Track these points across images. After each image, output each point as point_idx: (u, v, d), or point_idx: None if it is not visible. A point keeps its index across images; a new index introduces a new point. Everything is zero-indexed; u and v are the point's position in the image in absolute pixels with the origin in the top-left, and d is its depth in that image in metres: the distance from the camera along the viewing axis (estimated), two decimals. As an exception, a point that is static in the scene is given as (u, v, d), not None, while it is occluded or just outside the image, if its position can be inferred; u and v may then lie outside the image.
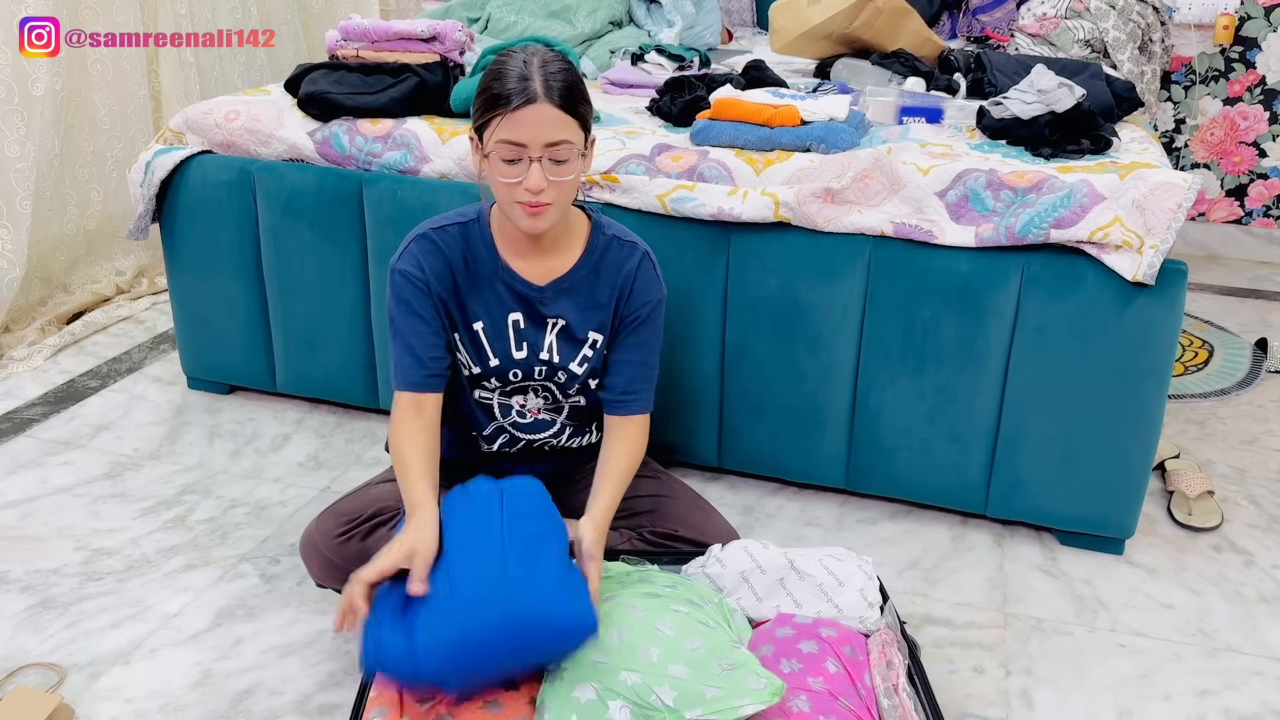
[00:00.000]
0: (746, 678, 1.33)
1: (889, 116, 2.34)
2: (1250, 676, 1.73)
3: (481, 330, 1.67)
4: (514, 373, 1.71)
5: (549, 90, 1.48)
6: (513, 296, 1.66)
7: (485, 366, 1.69)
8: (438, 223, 1.66)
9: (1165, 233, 1.79)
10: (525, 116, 1.47)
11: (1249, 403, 2.69)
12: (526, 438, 1.79)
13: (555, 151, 1.50)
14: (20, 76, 2.79)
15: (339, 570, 1.68)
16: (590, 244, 1.68)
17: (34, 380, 2.72)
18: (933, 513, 2.17)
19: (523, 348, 1.69)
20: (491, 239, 1.65)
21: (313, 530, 1.73)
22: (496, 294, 1.66)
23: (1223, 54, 3.67)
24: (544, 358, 1.69)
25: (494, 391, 1.73)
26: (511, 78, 1.49)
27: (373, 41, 2.40)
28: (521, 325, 1.68)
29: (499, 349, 1.68)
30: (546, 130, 1.48)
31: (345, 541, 1.69)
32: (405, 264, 1.64)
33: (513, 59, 1.51)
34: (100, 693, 1.65)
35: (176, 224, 2.45)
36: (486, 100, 1.51)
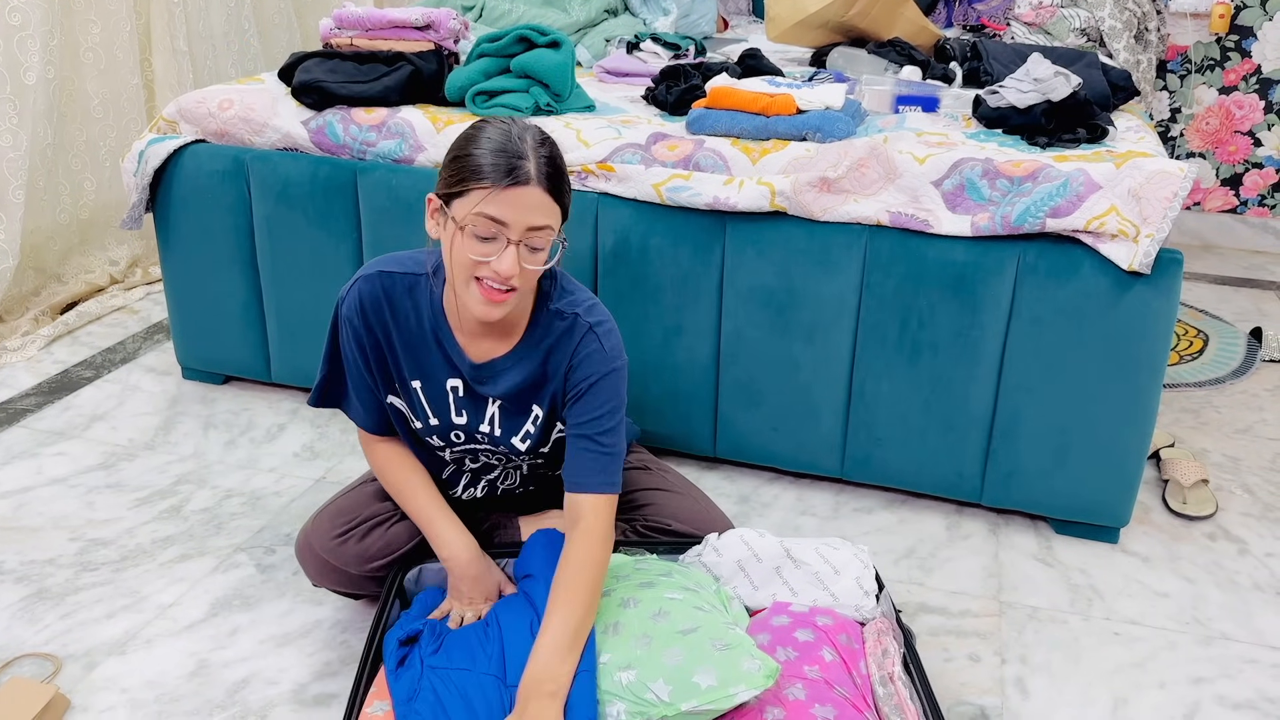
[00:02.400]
0: (741, 658, 1.33)
1: (885, 105, 2.34)
2: (1244, 664, 1.74)
3: (419, 389, 1.59)
4: (455, 434, 1.63)
5: (541, 173, 1.38)
6: (450, 366, 1.57)
7: (426, 424, 1.63)
8: (390, 266, 1.56)
9: (1161, 222, 1.79)
10: (513, 196, 1.37)
11: (1243, 392, 2.70)
12: (486, 478, 1.75)
13: (535, 238, 1.40)
14: (12, 65, 2.78)
15: (336, 571, 1.68)
16: (533, 321, 1.55)
17: (28, 370, 2.71)
18: (928, 502, 2.17)
19: (462, 414, 1.61)
20: (440, 303, 1.55)
21: (308, 532, 1.70)
22: (435, 358, 1.57)
23: (1218, 43, 3.67)
24: (484, 430, 1.61)
25: (443, 450, 1.67)
26: (505, 152, 1.37)
27: (367, 29, 2.39)
28: (460, 393, 1.59)
29: (437, 411, 1.61)
30: (532, 214, 1.38)
31: (343, 543, 1.67)
32: (348, 310, 1.56)
33: (502, 129, 1.41)
34: (96, 683, 1.65)
35: (170, 213, 2.44)
36: (470, 168, 1.38)
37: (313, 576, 1.73)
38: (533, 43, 2.29)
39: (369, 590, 1.73)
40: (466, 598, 1.57)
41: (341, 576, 1.69)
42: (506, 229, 1.38)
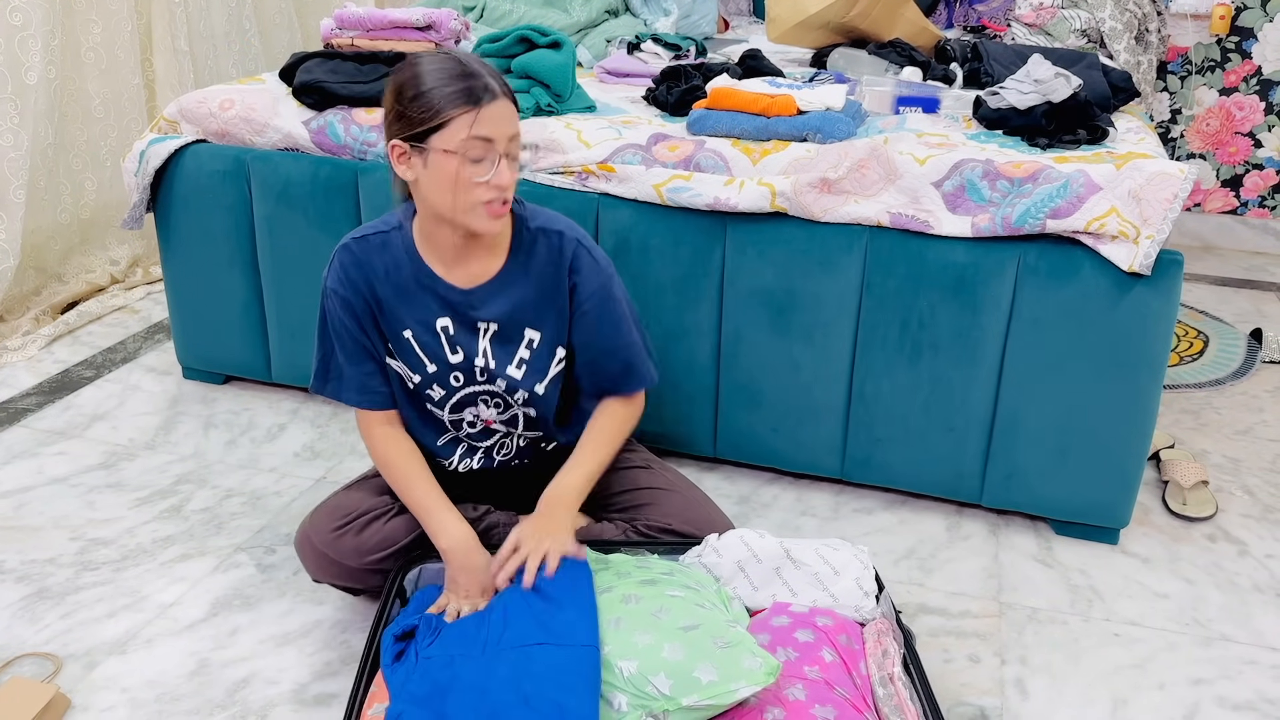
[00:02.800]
0: (742, 656, 1.34)
1: (885, 106, 2.34)
2: (1244, 665, 1.74)
3: (411, 338, 1.63)
4: (454, 376, 1.66)
5: (503, 87, 1.48)
6: (439, 303, 1.62)
7: (424, 374, 1.65)
8: (359, 233, 1.64)
9: (1161, 223, 1.79)
10: (492, 113, 1.45)
11: (1243, 393, 2.70)
12: (483, 445, 1.76)
13: (514, 146, 1.50)
14: (13, 65, 2.78)
15: (335, 565, 1.69)
16: (515, 243, 1.62)
17: (28, 370, 2.72)
18: (928, 502, 2.17)
19: (457, 351, 1.64)
20: (414, 246, 1.61)
21: (307, 527, 1.71)
22: (422, 301, 1.62)
23: (1219, 44, 3.67)
24: (480, 363, 1.65)
25: (443, 405, 1.69)
26: (465, 76, 1.45)
27: (368, 30, 2.40)
28: (451, 330, 1.63)
29: (432, 354, 1.64)
30: (509, 124, 1.48)
31: (340, 537, 1.68)
32: (333, 281, 1.63)
33: (442, 60, 1.47)
34: (96, 682, 1.65)
35: (171, 213, 2.45)
36: (441, 100, 1.44)
37: (312, 571, 1.73)
38: (534, 43, 2.29)
39: (368, 584, 1.73)
40: (463, 590, 1.57)
41: (340, 570, 1.69)
42: (494, 145, 1.46)
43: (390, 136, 1.50)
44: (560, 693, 1.30)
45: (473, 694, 1.33)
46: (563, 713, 1.28)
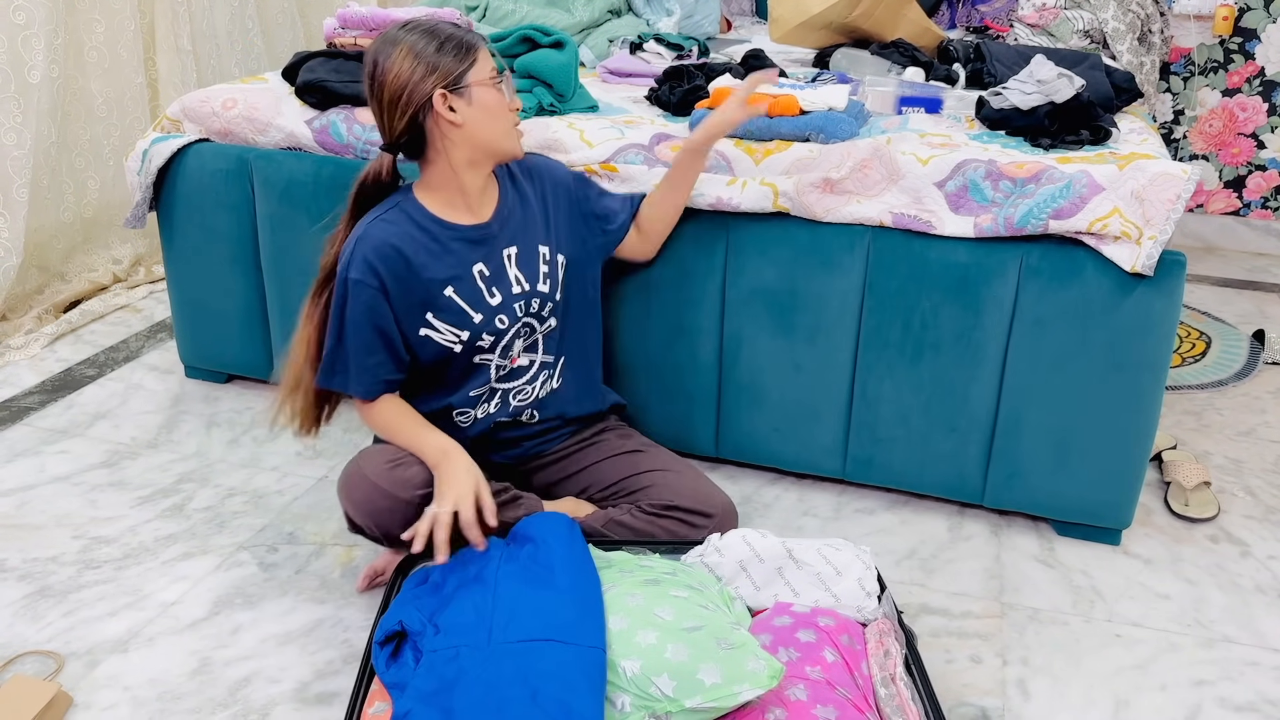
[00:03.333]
0: (746, 659, 1.34)
1: (888, 106, 2.34)
2: (1246, 667, 1.74)
3: (453, 294, 1.73)
4: (499, 319, 1.76)
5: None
6: (468, 247, 1.74)
7: (472, 328, 1.74)
8: (369, 219, 1.71)
9: (1164, 224, 1.79)
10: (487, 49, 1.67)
11: (1246, 394, 2.70)
12: (506, 386, 1.84)
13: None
14: (16, 64, 2.78)
15: (386, 497, 1.66)
16: (499, 176, 1.81)
17: (31, 369, 2.72)
18: (930, 503, 2.17)
19: (494, 292, 1.76)
20: (425, 208, 1.73)
21: (359, 461, 1.72)
22: (454, 253, 1.73)
23: (1222, 45, 3.67)
24: (515, 291, 1.78)
25: (493, 351, 1.79)
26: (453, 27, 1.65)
27: (371, 29, 2.39)
28: (486, 273, 1.75)
29: (475, 303, 1.74)
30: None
31: (394, 469, 1.68)
32: (354, 272, 1.68)
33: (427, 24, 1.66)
34: (98, 680, 1.65)
35: (174, 212, 2.45)
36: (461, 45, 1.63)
37: (360, 505, 1.69)
38: (536, 43, 2.29)
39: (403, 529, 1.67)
40: (450, 496, 1.59)
41: (388, 504, 1.66)
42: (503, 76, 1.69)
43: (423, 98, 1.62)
44: (566, 692, 1.30)
45: (479, 689, 1.33)
46: (568, 712, 1.28)
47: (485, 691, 1.32)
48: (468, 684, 1.34)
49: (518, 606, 1.44)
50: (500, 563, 1.55)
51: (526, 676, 1.33)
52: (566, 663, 1.34)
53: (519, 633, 1.39)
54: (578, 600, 1.44)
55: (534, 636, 1.38)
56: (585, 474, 1.94)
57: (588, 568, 1.52)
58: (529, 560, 1.54)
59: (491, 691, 1.32)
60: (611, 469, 1.92)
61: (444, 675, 1.37)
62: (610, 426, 2.01)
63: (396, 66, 1.61)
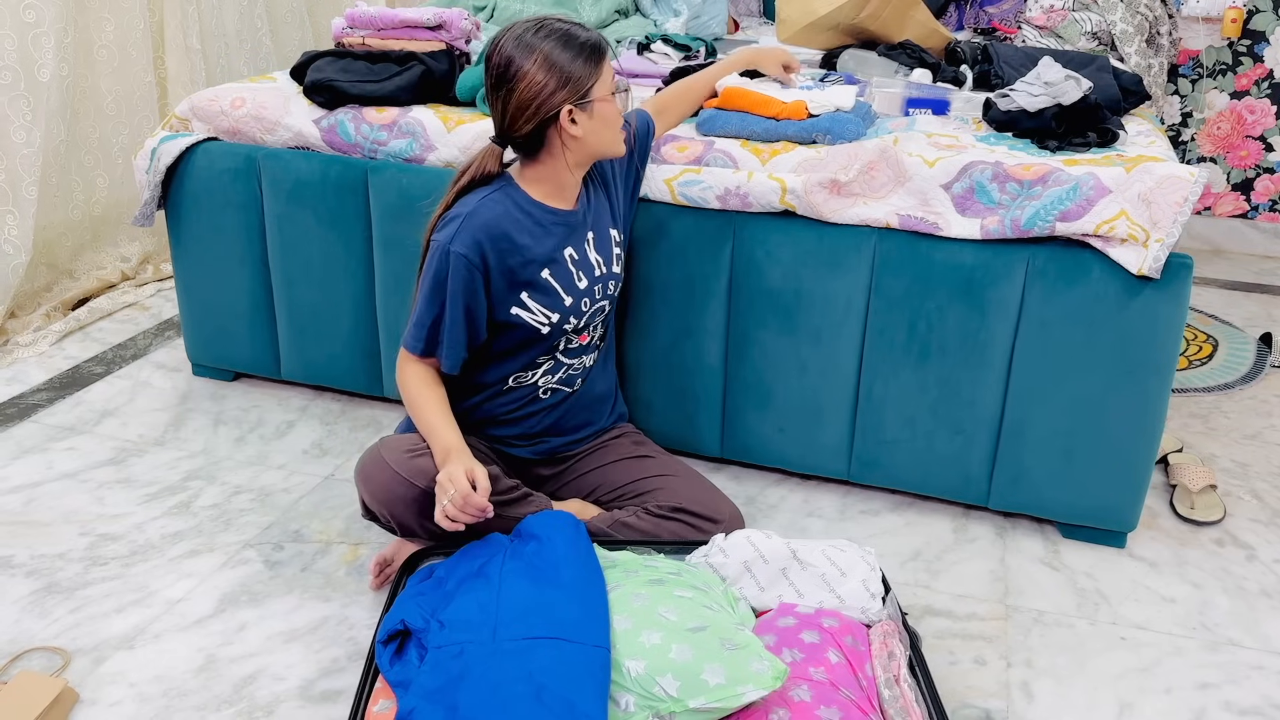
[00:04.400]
0: (750, 659, 1.34)
1: (895, 108, 2.34)
2: (1251, 670, 1.74)
3: (549, 276, 1.77)
4: (584, 301, 1.82)
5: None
6: (563, 229, 1.79)
7: (562, 310, 1.79)
8: (471, 201, 1.73)
9: (1171, 226, 1.79)
10: (610, 54, 1.71)
11: (1252, 397, 2.69)
12: (568, 362, 1.88)
13: None
14: (26, 62, 2.80)
15: (404, 485, 1.67)
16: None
17: (39, 366, 2.73)
18: (935, 505, 2.17)
19: (581, 277, 1.82)
20: (527, 195, 1.76)
21: (379, 448, 1.73)
22: (551, 236, 1.78)
23: (1230, 47, 3.66)
24: (598, 275, 1.84)
25: (578, 332, 1.85)
26: (581, 30, 1.68)
27: (379, 29, 2.40)
28: (575, 257, 1.81)
29: (568, 286, 1.79)
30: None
31: (414, 458, 1.69)
32: (459, 245, 1.69)
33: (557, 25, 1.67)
34: (104, 677, 1.66)
35: (182, 211, 2.46)
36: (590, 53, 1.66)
37: (378, 493, 1.71)
38: (544, 43, 2.29)
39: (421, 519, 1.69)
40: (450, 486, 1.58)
41: (405, 492, 1.67)
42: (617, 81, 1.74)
43: (552, 109, 1.66)
44: (571, 690, 1.30)
45: (484, 686, 1.33)
46: (573, 711, 1.28)
47: (490, 689, 1.32)
48: (472, 681, 1.34)
49: (522, 604, 1.44)
50: (505, 560, 1.55)
51: (531, 674, 1.33)
52: (571, 661, 1.34)
53: (523, 630, 1.39)
54: (582, 599, 1.44)
55: (538, 634, 1.38)
56: (596, 474, 1.95)
57: (592, 566, 1.52)
58: (533, 558, 1.54)
59: (496, 689, 1.32)
60: (621, 472, 1.93)
61: (448, 672, 1.37)
62: (625, 432, 2.04)
63: (532, 74, 1.63)
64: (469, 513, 1.58)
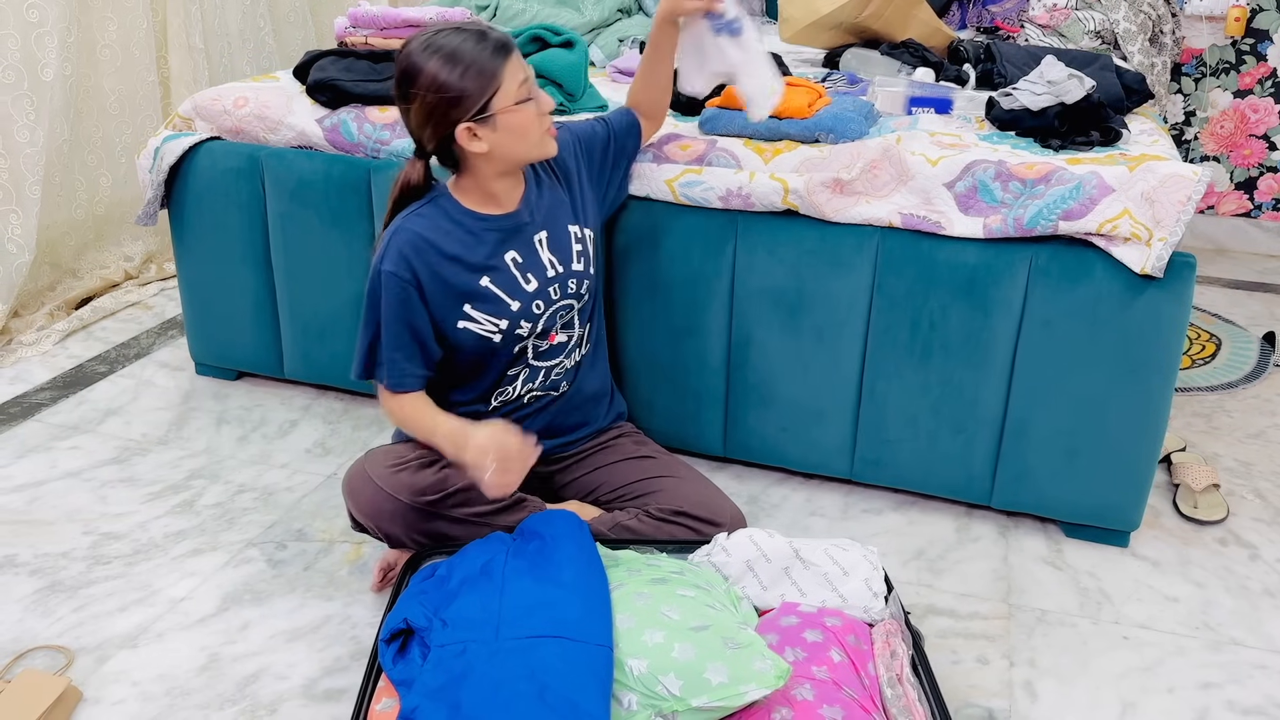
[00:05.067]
0: (752, 658, 1.34)
1: (898, 107, 2.34)
2: (1254, 670, 1.74)
3: (490, 283, 1.73)
4: (535, 305, 1.77)
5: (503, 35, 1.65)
6: (501, 237, 1.75)
7: (510, 316, 1.75)
8: (406, 214, 1.72)
9: (1174, 225, 1.79)
10: (517, 61, 1.63)
11: (1256, 396, 2.69)
12: (545, 365, 1.85)
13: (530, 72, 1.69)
14: (30, 62, 2.80)
15: (388, 500, 1.69)
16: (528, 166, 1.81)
17: (42, 365, 2.73)
18: (938, 504, 2.17)
19: (529, 279, 1.77)
20: (459, 204, 1.73)
21: (363, 462, 1.74)
22: (487, 244, 1.74)
23: (1234, 46, 3.65)
24: (550, 275, 1.79)
25: (530, 336, 1.80)
26: (484, 37, 1.61)
27: (381, 29, 2.40)
28: (520, 260, 1.76)
29: (512, 290, 1.75)
30: (523, 63, 1.67)
31: (398, 472, 1.70)
32: (388, 264, 1.68)
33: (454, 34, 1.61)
34: (108, 675, 1.66)
35: (185, 210, 2.46)
36: (485, 67, 1.59)
37: (364, 506, 1.72)
38: (546, 42, 2.29)
39: (412, 531, 1.71)
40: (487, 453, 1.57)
41: (390, 506, 1.69)
42: (528, 83, 1.66)
43: (448, 128, 1.62)
44: (574, 689, 1.31)
45: (487, 685, 1.33)
46: (576, 710, 1.28)
47: (493, 688, 1.32)
48: (475, 680, 1.34)
49: (525, 603, 1.44)
50: (507, 558, 1.55)
51: (534, 673, 1.33)
52: (574, 660, 1.34)
53: (526, 629, 1.39)
54: (585, 598, 1.44)
55: (541, 633, 1.39)
56: (596, 475, 1.94)
57: (595, 565, 1.52)
58: (536, 556, 1.54)
59: (499, 688, 1.32)
60: (622, 472, 1.92)
61: (451, 671, 1.37)
62: (626, 432, 2.02)
63: (424, 91, 1.59)
64: (517, 468, 1.58)
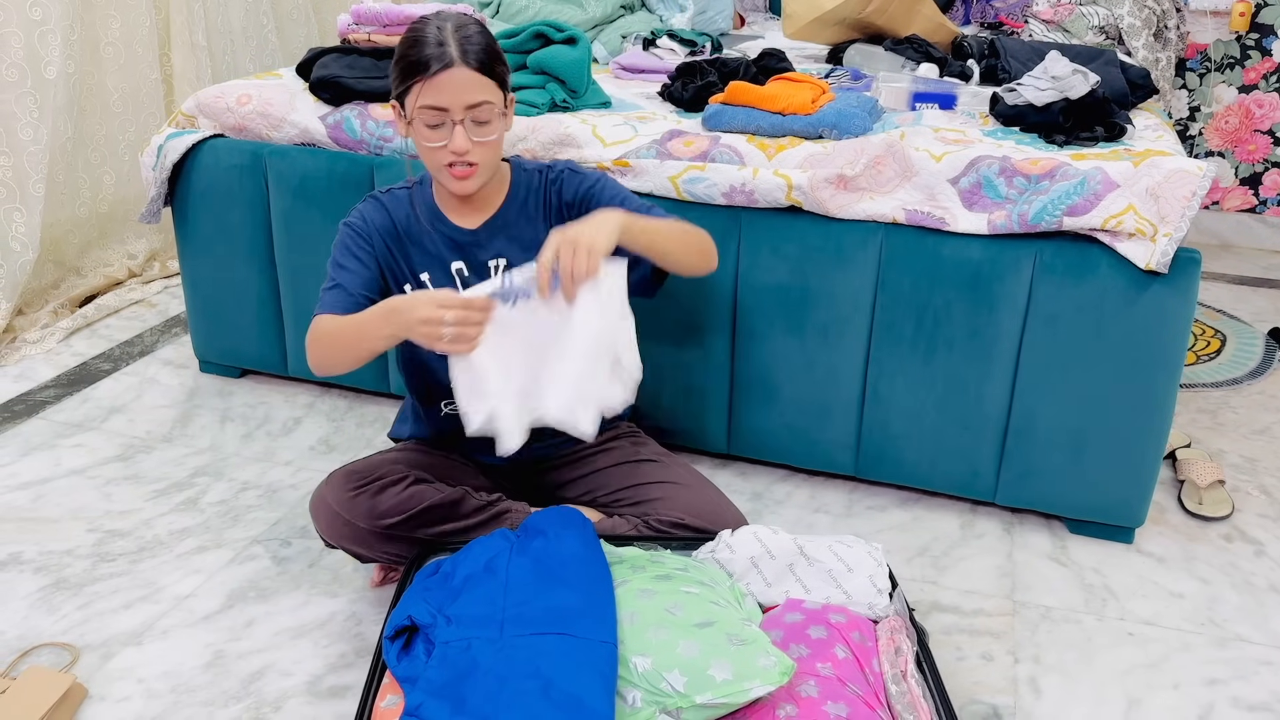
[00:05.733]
0: (757, 655, 1.34)
1: (902, 103, 2.33)
2: (1259, 666, 1.73)
3: (428, 281, 1.72)
4: None
5: (465, 54, 1.54)
6: (451, 246, 1.72)
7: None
8: (387, 187, 1.76)
9: (1179, 221, 1.78)
10: (444, 81, 1.53)
11: (1261, 392, 2.68)
12: None
13: (477, 113, 1.56)
14: (33, 59, 2.80)
15: (348, 526, 1.69)
16: (513, 183, 1.74)
17: (46, 363, 2.74)
18: (942, 500, 2.17)
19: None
20: (431, 197, 1.73)
21: (323, 488, 1.73)
22: (436, 245, 1.72)
23: (1238, 41, 3.64)
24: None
25: None
26: (429, 44, 1.54)
27: (384, 25, 2.40)
28: (465, 273, 1.73)
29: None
30: (466, 93, 1.54)
31: (355, 498, 1.69)
32: (352, 218, 1.73)
33: (429, 25, 1.56)
34: (113, 673, 1.66)
35: (188, 208, 2.46)
36: (404, 68, 1.56)
37: (325, 531, 1.73)
38: (549, 39, 2.29)
39: (379, 550, 1.72)
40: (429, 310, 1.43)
41: (353, 532, 1.69)
42: (448, 113, 1.55)
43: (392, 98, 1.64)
44: (578, 686, 1.30)
45: (491, 681, 1.33)
46: (580, 706, 1.28)
47: (497, 684, 1.32)
48: (479, 676, 1.34)
49: (529, 599, 1.44)
50: (511, 555, 1.55)
51: (538, 669, 1.33)
52: (578, 657, 1.34)
53: (530, 626, 1.39)
54: (589, 594, 1.44)
55: (545, 630, 1.39)
56: (593, 478, 1.88)
57: (599, 562, 1.52)
58: (540, 553, 1.54)
59: (504, 684, 1.32)
60: (621, 475, 1.86)
61: (456, 667, 1.37)
62: (624, 433, 1.95)
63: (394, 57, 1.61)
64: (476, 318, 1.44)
